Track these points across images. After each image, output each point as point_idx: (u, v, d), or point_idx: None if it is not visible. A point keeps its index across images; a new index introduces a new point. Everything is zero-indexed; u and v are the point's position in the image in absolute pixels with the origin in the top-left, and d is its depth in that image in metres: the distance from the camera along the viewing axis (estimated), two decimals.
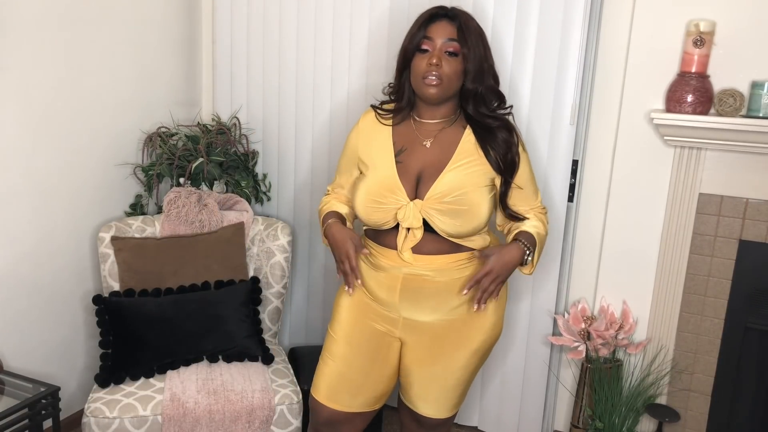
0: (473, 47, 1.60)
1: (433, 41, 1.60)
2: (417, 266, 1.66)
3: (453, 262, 1.67)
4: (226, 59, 2.76)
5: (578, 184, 2.35)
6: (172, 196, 2.35)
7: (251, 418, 2.01)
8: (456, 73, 1.60)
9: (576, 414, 2.39)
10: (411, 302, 1.70)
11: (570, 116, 2.22)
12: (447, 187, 1.61)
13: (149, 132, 2.57)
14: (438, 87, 1.59)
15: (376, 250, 1.72)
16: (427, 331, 1.72)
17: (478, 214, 1.62)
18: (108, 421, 1.92)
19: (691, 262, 2.24)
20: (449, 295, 1.69)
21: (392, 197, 1.64)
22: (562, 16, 2.16)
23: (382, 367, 1.78)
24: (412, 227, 1.63)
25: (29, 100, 2.14)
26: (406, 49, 1.65)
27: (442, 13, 1.63)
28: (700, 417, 2.32)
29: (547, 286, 2.38)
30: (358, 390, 1.77)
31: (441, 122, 1.69)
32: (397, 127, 1.71)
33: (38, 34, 2.13)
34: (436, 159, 1.65)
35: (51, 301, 2.33)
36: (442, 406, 1.80)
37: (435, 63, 1.57)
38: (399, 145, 1.68)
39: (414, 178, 1.65)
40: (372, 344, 1.76)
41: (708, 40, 2.02)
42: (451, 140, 1.67)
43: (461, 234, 1.64)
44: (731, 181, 2.14)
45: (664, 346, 2.30)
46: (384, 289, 1.71)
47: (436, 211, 1.61)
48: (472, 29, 1.62)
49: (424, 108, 1.69)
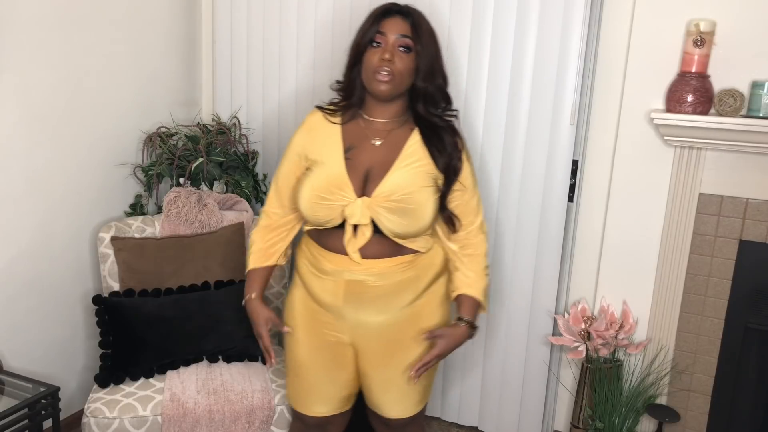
0: (426, 45, 1.59)
1: (386, 36, 1.57)
2: (359, 271, 1.63)
3: (396, 266, 1.65)
4: (226, 59, 2.76)
5: (578, 184, 2.35)
6: (172, 196, 2.35)
7: (251, 418, 2.01)
8: (408, 69, 1.58)
9: (576, 414, 2.39)
10: (355, 306, 1.67)
11: (570, 116, 2.22)
12: (394, 186, 1.60)
13: (149, 132, 2.57)
14: (390, 83, 1.56)
15: (319, 254, 1.68)
16: (375, 332, 1.70)
17: (424, 214, 1.61)
18: (108, 421, 1.92)
19: (691, 262, 2.24)
20: (394, 298, 1.67)
21: (339, 194, 1.60)
22: (562, 16, 2.16)
23: (343, 374, 1.77)
24: (359, 224, 1.60)
25: (29, 100, 2.14)
26: (359, 43, 1.61)
27: (396, 10, 1.61)
28: (700, 417, 2.32)
29: (547, 286, 2.38)
30: (328, 397, 1.79)
31: (391, 122, 1.66)
32: (347, 125, 1.68)
33: (38, 34, 2.13)
34: (384, 158, 1.63)
35: (51, 301, 2.32)
36: (406, 405, 1.78)
37: (387, 58, 1.54)
38: (348, 143, 1.65)
39: (362, 175, 1.62)
40: (327, 355, 1.75)
41: (708, 40, 2.02)
42: (399, 140, 1.65)
43: (407, 234, 1.62)
44: (731, 181, 2.14)
45: (664, 346, 2.30)
46: (328, 294, 1.68)
47: (384, 209, 1.58)
48: (425, 28, 1.61)
49: (374, 106, 1.65)
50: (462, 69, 2.32)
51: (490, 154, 2.35)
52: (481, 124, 2.34)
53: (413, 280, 1.68)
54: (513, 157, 2.32)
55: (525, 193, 2.33)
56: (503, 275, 2.43)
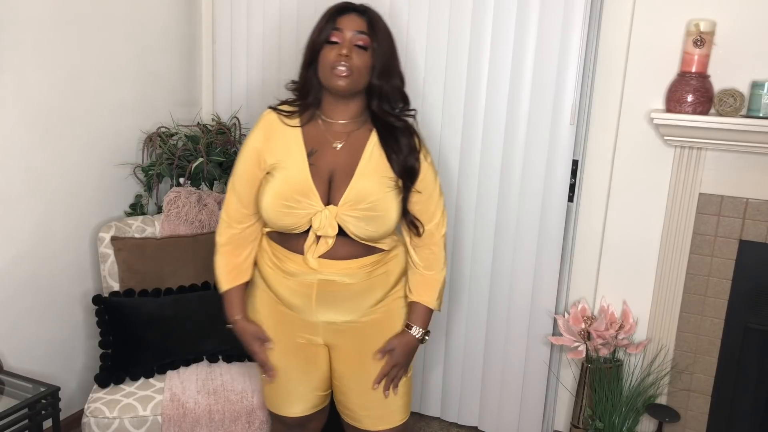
0: (382, 43, 1.58)
1: (343, 33, 1.55)
2: (329, 272, 1.61)
3: (367, 265, 1.64)
4: (226, 59, 2.76)
5: (578, 184, 2.35)
6: (172, 196, 2.35)
7: (251, 419, 2.01)
8: (366, 66, 1.56)
9: (576, 414, 2.39)
10: (328, 306, 1.65)
11: (570, 116, 2.22)
12: (361, 193, 1.57)
13: (149, 132, 2.57)
14: (348, 77, 1.53)
15: (283, 254, 1.65)
16: (349, 331, 1.69)
17: (391, 218, 1.60)
18: (108, 421, 1.92)
19: (691, 262, 2.24)
20: (366, 295, 1.67)
21: (306, 201, 1.57)
22: (562, 16, 2.16)
23: (317, 374, 1.76)
24: (326, 236, 1.57)
25: (29, 100, 2.14)
26: (315, 41, 1.59)
27: (351, 8, 1.60)
28: (700, 417, 2.32)
29: (547, 286, 2.38)
30: (305, 398, 1.78)
31: (350, 123, 1.63)
32: (306, 128, 1.63)
33: (38, 34, 2.13)
34: (346, 162, 1.60)
35: (51, 301, 2.32)
36: (389, 413, 1.74)
37: (345, 54, 1.52)
38: (309, 146, 1.61)
39: (326, 181, 1.59)
40: (300, 357, 1.74)
41: (708, 40, 2.02)
42: (359, 143, 1.63)
43: (374, 238, 1.61)
44: (731, 181, 2.14)
45: (664, 346, 2.30)
46: (298, 296, 1.65)
47: (352, 218, 1.56)
48: (381, 26, 1.59)
49: (332, 106, 1.62)
50: (462, 69, 2.32)
51: (489, 154, 2.35)
52: (481, 124, 2.34)
53: (384, 277, 1.68)
54: (513, 157, 2.32)
55: (525, 193, 2.33)
56: (503, 275, 2.42)
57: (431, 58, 2.36)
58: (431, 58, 2.36)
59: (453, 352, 2.57)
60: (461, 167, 2.40)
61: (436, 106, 2.38)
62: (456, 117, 2.36)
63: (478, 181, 2.38)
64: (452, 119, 2.37)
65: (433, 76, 2.37)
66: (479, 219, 2.42)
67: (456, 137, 2.38)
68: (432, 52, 2.35)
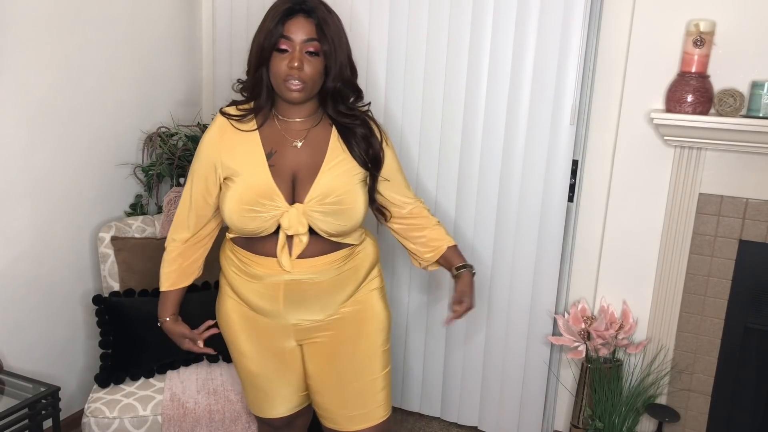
0: (333, 44, 1.53)
1: (292, 41, 1.49)
2: (296, 271, 1.58)
3: (334, 261, 1.63)
4: (226, 59, 2.76)
5: (578, 184, 2.35)
6: (172, 196, 2.35)
7: (251, 418, 2.01)
8: (318, 72, 1.53)
9: (576, 414, 2.39)
10: (297, 307, 1.64)
11: (570, 116, 2.22)
12: (327, 188, 1.56)
13: (149, 132, 2.57)
14: (301, 90, 1.51)
15: (249, 259, 1.62)
16: (320, 329, 1.68)
17: (358, 210, 1.59)
18: (108, 421, 1.92)
19: (691, 262, 2.24)
20: (335, 293, 1.65)
21: (270, 204, 1.54)
22: (562, 16, 2.16)
23: (296, 375, 1.76)
24: (297, 234, 1.55)
25: (29, 100, 2.14)
26: (263, 46, 1.51)
27: (298, 9, 1.51)
28: (700, 417, 2.32)
29: (547, 286, 2.38)
30: (287, 399, 1.78)
31: (308, 120, 1.60)
32: (262, 129, 1.59)
33: (38, 34, 2.13)
34: (310, 160, 1.59)
35: (51, 301, 2.33)
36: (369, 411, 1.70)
37: (297, 66, 1.48)
38: (268, 148, 1.57)
39: (289, 181, 1.57)
40: (276, 361, 1.73)
41: (708, 40, 2.02)
42: (321, 139, 1.61)
43: (343, 233, 1.60)
44: (731, 181, 2.14)
45: (664, 346, 2.30)
46: (266, 299, 1.63)
47: (319, 213, 1.55)
48: (330, 24, 1.53)
49: (287, 107, 1.59)
50: (462, 69, 2.32)
51: (489, 154, 2.35)
52: (481, 124, 2.34)
53: (353, 271, 1.67)
54: (513, 157, 2.32)
55: (525, 193, 2.33)
56: (503, 275, 2.43)
57: (431, 59, 2.36)
58: (431, 59, 2.36)
59: (453, 352, 2.57)
60: (461, 167, 2.40)
61: (436, 106, 2.38)
62: (456, 117, 2.36)
63: (478, 181, 2.39)
64: (452, 119, 2.37)
65: (433, 76, 2.37)
66: (479, 219, 2.42)
67: (456, 137, 2.38)
68: (432, 52, 2.35)
